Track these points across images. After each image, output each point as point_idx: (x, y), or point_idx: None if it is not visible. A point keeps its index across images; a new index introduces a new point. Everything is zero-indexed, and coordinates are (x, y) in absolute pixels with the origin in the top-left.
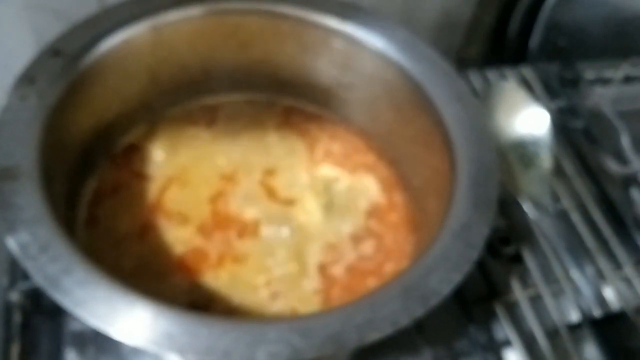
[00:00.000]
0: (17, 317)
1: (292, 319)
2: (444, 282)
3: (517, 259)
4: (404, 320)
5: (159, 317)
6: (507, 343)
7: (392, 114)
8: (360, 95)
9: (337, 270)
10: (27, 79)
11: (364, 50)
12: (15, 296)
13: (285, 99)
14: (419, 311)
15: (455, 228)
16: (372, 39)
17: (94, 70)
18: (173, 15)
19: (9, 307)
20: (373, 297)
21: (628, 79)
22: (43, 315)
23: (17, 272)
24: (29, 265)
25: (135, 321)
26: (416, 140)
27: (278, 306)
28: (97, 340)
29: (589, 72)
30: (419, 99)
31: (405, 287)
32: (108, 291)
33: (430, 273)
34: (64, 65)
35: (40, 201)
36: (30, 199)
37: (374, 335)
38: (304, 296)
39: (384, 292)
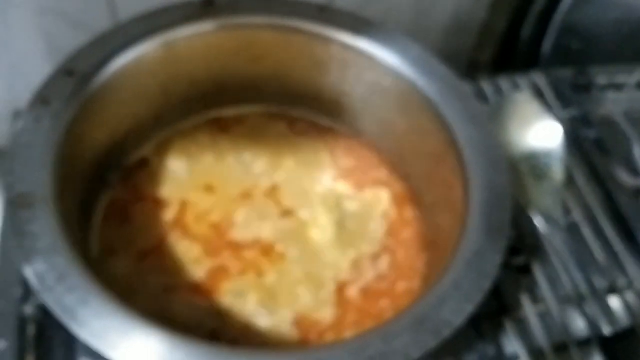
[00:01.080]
0: (31, 329)
1: (305, 351)
2: (457, 313)
3: (526, 269)
4: (416, 354)
5: (175, 348)
6: (516, 358)
7: (405, 130)
8: (373, 110)
9: (352, 291)
10: (41, 100)
11: (377, 66)
12: (29, 309)
13: (297, 111)
14: (431, 343)
15: (467, 256)
16: (386, 55)
17: (106, 88)
18: (185, 31)
19: (23, 320)
20: (385, 329)
21: None
22: (57, 326)
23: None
24: (46, 297)
25: (152, 353)
26: (429, 157)
27: (291, 327)
28: None
29: (601, 78)
30: (432, 117)
31: (417, 319)
32: (124, 322)
33: (443, 303)
34: (77, 85)
35: (56, 228)
36: (45, 226)
37: None
38: (318, 318)
39: (396, 323)
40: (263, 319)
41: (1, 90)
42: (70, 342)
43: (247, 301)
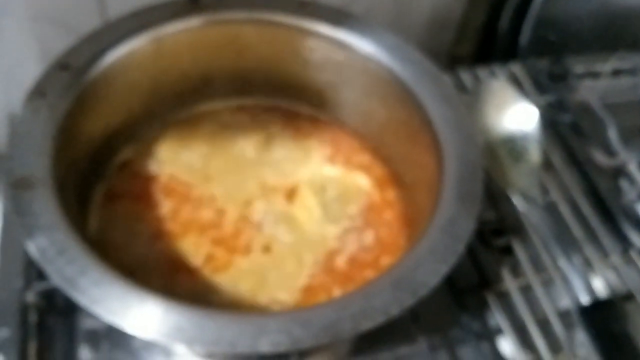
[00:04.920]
0: (32, 317)
1: (291, 311)
2: (432, 274)
3: (508, 250)
4: (395, 310)
5: (169, 312)
6: (499, 331)
7: (384, 115)
8: (353, 98)
9: (339, 260)
10: (38, 92)
11: (356, 55)
12: (30, 297)
13: (282, 102)
14: (408, 301)
15: (442, 223)
16: (363, 44)
17: (100, 81)
18: (173, 27)
19: (24, 308)
20: (366, 288)
21: (616, 72)
22: (57, 314)
23: (31, 273)
24: (48, 268)
25: (148, 316)
26: (407, 140)
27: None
28: (110, 337)
29: (577, 67)
30: (408, 100)
31: (395, 279)
32: (121, 289)
33: (419, 265)
34: (72, 78)
35: (55, 208)
36: (45, 206)
37: (367, 324)
38: (300, 290)
39: (376, 284)
40: (255, 296)
41: None
42: (72, 328)
43: (238, 281)
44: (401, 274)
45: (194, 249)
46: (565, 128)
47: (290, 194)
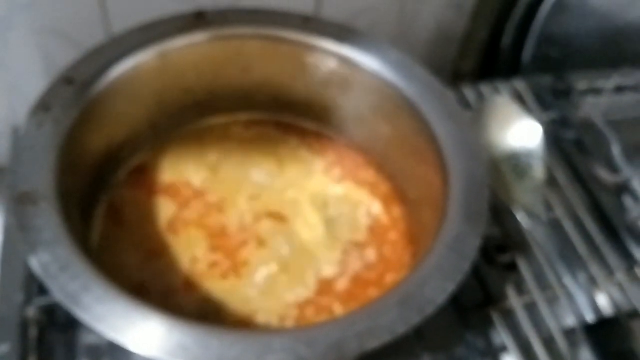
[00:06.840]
0: (33, 332)
1: (296, 329)
2: (439, 292)
3: (513, 267)
4: (402, 329)
5: (173, 330)
6: (504, 349)
7: (389, 131)
8: (358, 114)
9: (341, 283)
10: (43, 106)
11: (360, 71)
12: (31, 312)
13: (287, 117)
14: (415, 320)
15: (448, 240)
16: (368, 61)
17: (104, 96)
18: (179, 42)
19: (25, 322)
20: (372, 307)
21: (619, 89)
22: (58, 329)
23: (32, 288)
24: (51, 284)
25: (151, 334)
26: (412, 156)
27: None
28: (111, 353)
29: (580, 83)
30: (413, 117)
31: (402, 297)
32: (125, 307)
33: (426, 283)
34: (77, 93)
35: (58, 223)
36: (48, 221)
37: (373, 343)
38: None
39: (383, 302)
40: (256, 311)
41: (1, 109)
42: (71, 343)
43: (238, 295)
44: (407, 291)
45: (196, 261)
46: (569, 145)
47: (293, 210)
